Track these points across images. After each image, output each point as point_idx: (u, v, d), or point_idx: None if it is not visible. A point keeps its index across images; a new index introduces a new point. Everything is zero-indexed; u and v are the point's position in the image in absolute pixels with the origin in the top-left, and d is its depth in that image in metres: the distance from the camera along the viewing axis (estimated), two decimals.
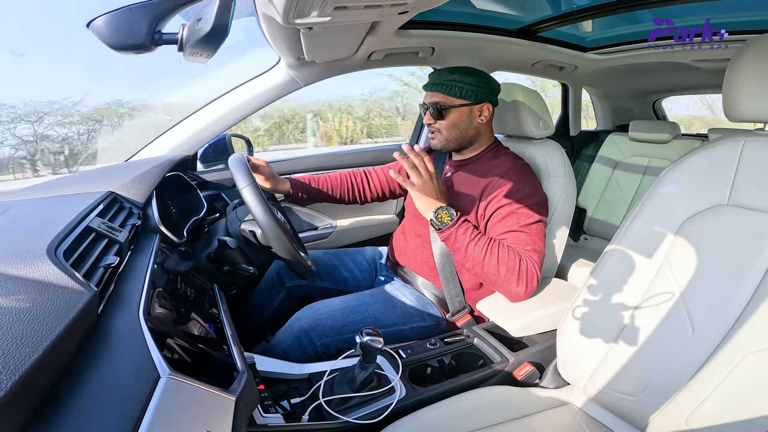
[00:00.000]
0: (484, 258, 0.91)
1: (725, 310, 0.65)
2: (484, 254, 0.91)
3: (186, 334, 0.55)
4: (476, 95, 1.03)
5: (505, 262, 0.91)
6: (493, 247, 0.92)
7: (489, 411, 0.78)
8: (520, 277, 0.91)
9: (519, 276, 0.91)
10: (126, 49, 0.60)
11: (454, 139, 1.07)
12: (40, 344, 0.33)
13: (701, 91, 2.29)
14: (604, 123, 2.37)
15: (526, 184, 0.99)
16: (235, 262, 0.93)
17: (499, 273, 0.91)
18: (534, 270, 0.92)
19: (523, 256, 0.92)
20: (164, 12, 0.58)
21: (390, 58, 1.37)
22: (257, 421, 0.65)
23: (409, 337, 1.03)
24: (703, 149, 0.75)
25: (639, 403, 0.72)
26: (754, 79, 0.67)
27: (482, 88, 1.04)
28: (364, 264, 1.31)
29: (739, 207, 0.68)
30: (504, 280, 0.91)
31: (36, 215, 0.63)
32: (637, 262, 0.77)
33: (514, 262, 0.91)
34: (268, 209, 0.84)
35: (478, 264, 0.92)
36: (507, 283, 0.91)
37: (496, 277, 0.92)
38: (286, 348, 0.97)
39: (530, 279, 0.92)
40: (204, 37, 0.57)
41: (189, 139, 1.25)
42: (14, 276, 0.41)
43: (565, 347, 0.84)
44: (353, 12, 0.79)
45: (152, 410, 0.35)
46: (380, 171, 1.34)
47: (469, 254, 0.92)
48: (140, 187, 0.82)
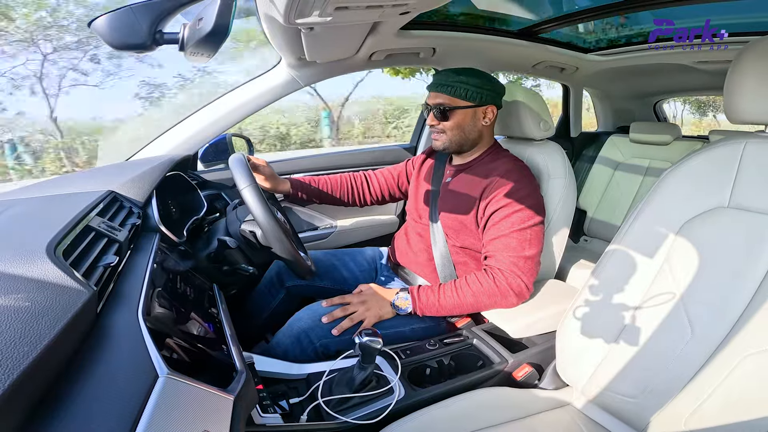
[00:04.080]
0: (460, 300, 0.96)
1: (725, 311, 0.65)
2: (458, 297, 0.96)
3: (185, 334, 0.55)
4: (481, 97, 1.03)
5: (480, 290, 0.95)
6: (461, 287, 0.97)
7: (488, 412, 0.78)
8: (502, 292, 0.95)
9: (500, 292, 0.95)
10: (127, 48, 0.60)
11: (457, 140, 1.07)
12: (39, 343, 0.33)
13: (702, 93, 2.29)
14: (605, 124, 2.37)
15: (523, 185, 0.99)
16: (235, 262, 0.93)
17: (481, 301, 0.96)
18: (519, 278, 0.94)
19: (500, 271, 0.95)
20: (165, 12, 0.58)
21: (391, 59, 1.37)
22: (255, 421, 0.65)
23: (409, 338, 1.03)
24: (704, 151, 0.75)
25: (638, 405, 0.72)
26: (755, 81, 0.67)
27: (487, 90, 1.03)
28: (364, 264, 1.31)
29: (740, 209, 0.68)
30: (491, 302, 0.96)
31: (35, 214, 0.63)
32: (637, 264, 0.77)
33: (488, 283, 0.95)
34: (268, 209, 0.84)
35: (461, 306, 0.97)
36: (496, 303, 0.96)
37: (483, 304, 0.97)
38: (285, 348, 0.97)
39: (516, 287, 0.94)
40: (205, 37, 0.57)
41: (190, 138, 1.25)
42: (13, 275, 0.41)
43: (565, 348, 0.84)
44: (354, 12, 0.79)
45: (150, 409, 0.35)
46: (380, 174, 1.33)
47: (446, 305, 0.97)
48: (140, 186, 0.82)
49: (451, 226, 1.07)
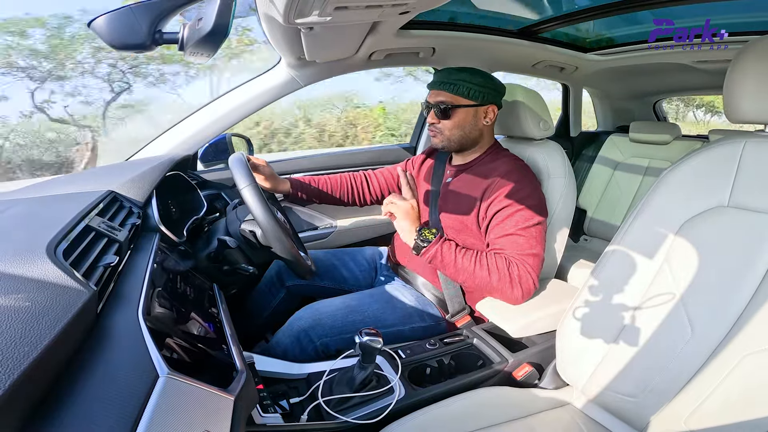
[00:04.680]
0: (474, 269, 0.93)
1: (725, 311, 0.65)
2: (473, 265, 0.94)
3: (185, 334, 0.55)
4: (483, 96, 1.02)
5: (496, 270, 0.93)
6: (481, 257, 0.94)
7: (488, 411, 0.78)
8: (513, 281, 0.92)
9: (512, 281, 0.92)
10: (126, 48, 0.60)
11: (457, 139, 1.06)
12: (39, 343, 0.33)
13: (702, 92, 2.28)
14: (605, 124, 2.37)
15: (525, 185, 0.99)
16: (235, 261, 0.93)
17: (491, 281, 0.93)
18: (528, 273, 0.93)
19: (514, 261, 0.94)
20: (165, 12, 0.58)
21: (391, 59, 1.37)
22: (256, 420, 0.65)
23: (409, 338, 1.03)
24: (704, 150, 0.75)
25: (638, 404, 0.72)
26: (754, 81, 0.67)
27: (490, 89, 1.03)
28: (364, 264, 1.31)
29: (740, 208, 0.68)
30: (498, 287, 0.93)
31: (35, 214, 0.63)
32: (637, 263, 0.77)
33: (504, 268, 0.93)
34: (268, 209, 0.84)
35: (470, 275, 0.94)
36: (501, 289, 0.93)
37: (489, 285, 0.93)
38: (285, 348, 0.97)
39: (525, 282, 0.93)
40: (205, 37, 0.57)
41: (189, 138, 1.25)
42: (14, 275, 0.41)
43: (565, 348, 0.84)
44: (354, 12, 0.79)
45: (151, 409, 0.35)
46: (380, 174, 1.33)
47: (459, 267, 0.95)
48: (140, 186, 0.82)
49: (451, 226, 1.07)
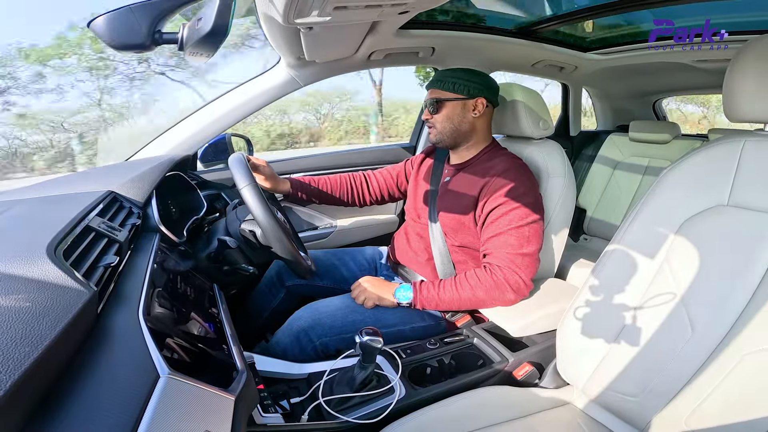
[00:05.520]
0: (459, 294, 0.97)
1: (725, 310, 0.65)
2: (456, 291, 0.97)
3: (185, 334, 0.55)
4: (468, 90, 1.06)
5: (478, 283, 0.96)
6: (461, 279, 0.98)
7: (488, 411, 0.78)
8: (500, 285, 0.95)
9: (497, 285, 0.95)
10: (126, 48, 0.60)
11: (449, 132, 1.09)
12: (40, 343, 0.33)
13: (701, 92, 2.29)
14: (605, 123, 2.37)
15: (521, 183, 1.00)
16: (235, 261, 0.93)
17: (478, 295, 0.96)
18: (516, 273, 0.95)
19: (496, 264, 0.96)
20: (165, 12, 0.58)
21: (390, 58, 1.37)
22: (257, 420, 0.65)
23: (409, 337, 1.03)
24: (703, 150, 0.75)
25: (638, 404, 0.72)
26: (754, 80, 0.67)
27: (475, 83, 1.06)
28: (364, 264, 1.31)
29: (739, 207, 0.68)
30: (488, 297, 0.96)
31: (36, 214, 0.63)
32: (637, 263, 0.77)
33: (486, 276, 0.96)
34: (268, 209, 0.84)
35: (458, 300, 0.97)
36: (492, 297, 0.96)
37: (481, 300, 0.97)
38: (285, 347, 0.97)
39: (514, 283, 0.95)
40: (204, 37, 0.57)
41: (189, 138, 1.25)
42: (14, 275, 0.41)
43: (565, 347, 0.84)
44: (353, 12, 0.79)
45: (152, 410, 0.35)
46: (380, 174, 1.34)
47: (445, 300, 0.98)
48: (140, 186, 0.81)
49: (450, 225, 1.07)
